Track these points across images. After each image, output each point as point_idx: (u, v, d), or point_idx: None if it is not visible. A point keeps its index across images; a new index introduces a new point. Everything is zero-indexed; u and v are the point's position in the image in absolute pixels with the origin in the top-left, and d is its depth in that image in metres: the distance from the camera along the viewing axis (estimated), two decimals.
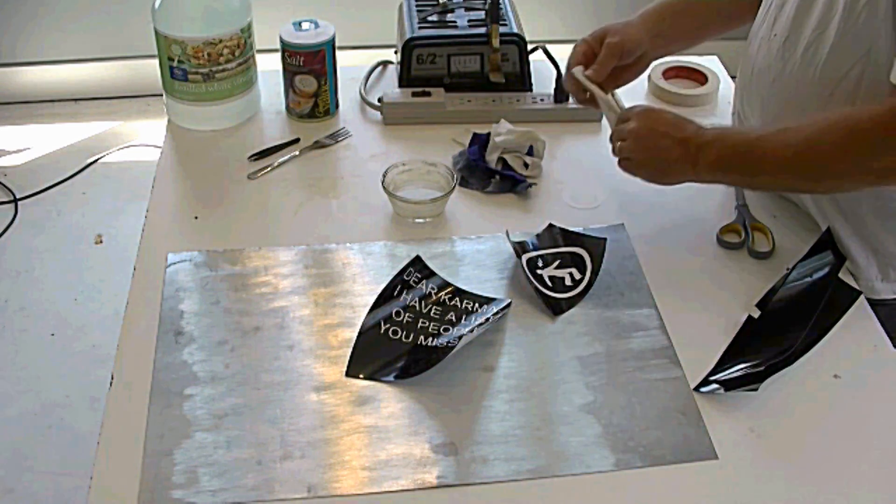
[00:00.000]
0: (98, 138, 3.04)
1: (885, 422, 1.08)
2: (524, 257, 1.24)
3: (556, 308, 1.19)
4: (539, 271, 1.23)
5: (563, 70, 1.45)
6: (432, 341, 1.13)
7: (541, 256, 1.25)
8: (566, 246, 1.27)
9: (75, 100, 3.19)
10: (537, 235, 1.29)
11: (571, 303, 1.20)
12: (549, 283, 1.21)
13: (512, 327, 1.17)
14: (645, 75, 1.62)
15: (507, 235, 1.26)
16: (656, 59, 1.42)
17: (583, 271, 1.23)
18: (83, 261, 2.59)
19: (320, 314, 1.18)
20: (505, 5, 1.60)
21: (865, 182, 1.16)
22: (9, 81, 3.14)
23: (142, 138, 3.01)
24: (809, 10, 1.19)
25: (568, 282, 1.22)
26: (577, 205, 1.37)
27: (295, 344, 1.14)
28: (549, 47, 1.54)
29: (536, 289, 1.20)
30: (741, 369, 1.10)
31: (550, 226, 1.30)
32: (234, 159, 1.45)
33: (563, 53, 1.60)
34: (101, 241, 2.65)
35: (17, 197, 2.79)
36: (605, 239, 1.27)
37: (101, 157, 2.95)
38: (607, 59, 1.31)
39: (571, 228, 1.30)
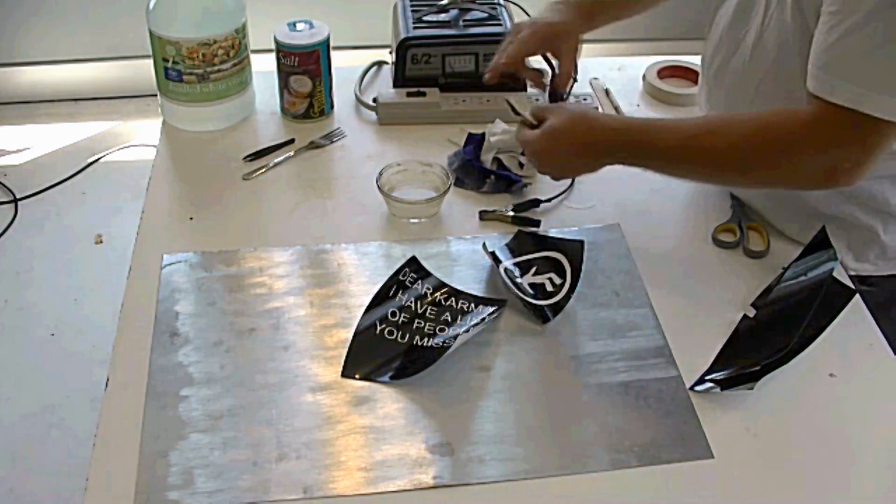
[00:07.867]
0: (97, 138, 3.04)
1: (880, 420, 1.08)
2: (501, 267, 1.22)
3: (542, 316, 1.18)
4: (518, 280, 1.21)
5: (557, 70, 1.45)
6: (428, 341, 1.13)
7: (516, 265, 1.24)
8: (540, 251, 1.25)
9: (75, 100, 3.18)
10: (507, 245, 1.27)
11: (556, 308, 1.18)
12: (531, 291, 1.20)
13: (507, 327, 1.17)
14: (640, 75, 1.63)
15: (485, 247, 1.25)
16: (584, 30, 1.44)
17: (562, 276, 1.22)
18: (83, 261, 2.59)
19: (316, 315, 1.18)
20: (500, 5, 1.60)
21: (777, 180, 1.15)
22: (9, 81, 3.14)
23: (141, 138, 3.01)
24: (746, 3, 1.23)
25: (549, 287, 1.20)
26: (572, 205, 1.37)
27: (291, 345, 1.14)
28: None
29: (520, 298, 1.18)
30: (737, 368, 1.10)
31: (519, 232, 1.29)
32: (230, 160, 1.45)
33: None
34: (100, 241, 2.66)
35: (17, 197, 2.79)
36: (581, 241, 1.26)
37: (101, 157, 2.95)
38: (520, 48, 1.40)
39: (541, 232, 1.29)
